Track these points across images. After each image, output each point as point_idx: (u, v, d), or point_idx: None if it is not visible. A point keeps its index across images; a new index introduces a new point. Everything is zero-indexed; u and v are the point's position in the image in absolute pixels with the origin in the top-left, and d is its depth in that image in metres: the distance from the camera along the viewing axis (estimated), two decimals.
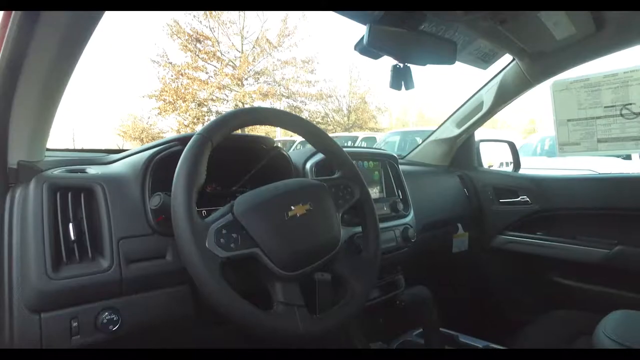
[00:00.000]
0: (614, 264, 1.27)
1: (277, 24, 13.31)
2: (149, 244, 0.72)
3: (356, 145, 7.80)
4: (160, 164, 0.77)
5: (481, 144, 1.72)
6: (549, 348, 1.07)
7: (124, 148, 1.06)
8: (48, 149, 0.78)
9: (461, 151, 1.67)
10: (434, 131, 1.69)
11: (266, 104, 13.63)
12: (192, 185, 0.62)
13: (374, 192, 1.21)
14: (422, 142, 1.74)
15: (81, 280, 0.63)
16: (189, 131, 11.50)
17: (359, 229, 0.90)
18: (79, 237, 0.67)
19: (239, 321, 0.60)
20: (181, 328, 0.77)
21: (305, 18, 13.26)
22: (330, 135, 0.87)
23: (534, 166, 4.16)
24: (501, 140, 1.74)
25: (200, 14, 12.22)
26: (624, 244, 1.27)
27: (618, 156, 4.50)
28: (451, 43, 1.00)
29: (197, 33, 12.62)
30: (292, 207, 0.69)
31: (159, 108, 12.84)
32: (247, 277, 0.69)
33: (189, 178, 0.62)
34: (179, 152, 0.65)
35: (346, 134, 12.06)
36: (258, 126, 0.84)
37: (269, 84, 14.05)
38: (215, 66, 13.29)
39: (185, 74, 12.80)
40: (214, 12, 12.01)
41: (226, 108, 13.36)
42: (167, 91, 12.67)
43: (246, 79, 13.68)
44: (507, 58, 1.31)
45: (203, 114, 13.16)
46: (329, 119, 15.63)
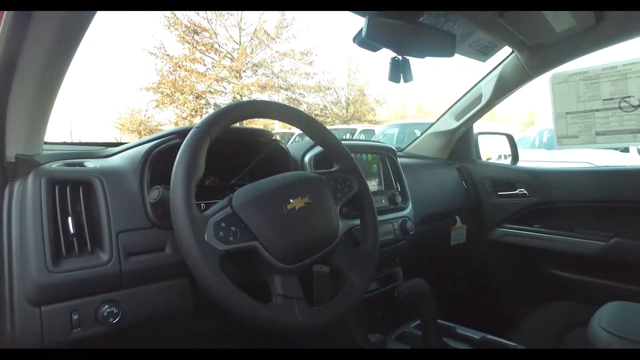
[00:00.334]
0: (611, 256, 1.28)
1: (275, 15, 13.24)
2: (148, 237, 0.72)
3: (355, 137, 7.79)
4: (159, 157, 0.77)
5: (480, 136, 1.72)
6: (545, 339, 1.08)
7: (122, 141, 1.06)
8: (46, 143, 0.78)
9: (460, 144, 1.67)
10: (433, 124, 1.69)
11: (264, 96, 13.60)
12: (191, 178, 0.62)
13: (373, 185, 1.22)
14: (420, 135, 1.74)
15: (81, 274, 0.64)
16: (187, 124, 11.47)
17: (357, 221, 0.90)
18: (78, 231, 0.67)
19: (238, 314, 0.60)
20: (181, 321, 0.78)
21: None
22: (329, 127, 0.87)
23: (532, 159, 4.17)
24: (499, 132, 1.75)
25: None
26: (620, 236, 1.28)
27: (616, 149, 4.51)
28: (450, 35, 1.00)
29: (194, 25, 12.53)
30: (291, 200, 0.69)
31: (156, 100, 12.79)
32: (246, 270, 0.69)
33: (188, 171, 0.62)
34: (178, 146, 0.65)
35: (345, 126, 12.04)
36: (256, 119, 0.83)
37: (267, 76, 14.00)
38: (213, 58, 13.22)
39: (183, 66, 12.73)
40: None
41: (224, 100, 13.31)
42: (164, 83, 12.60)
43: (244, 71, 13.62)
44: (506, 50, 1.31)
45: (201, 106, 13.11)
46: (327, 112, 15.60)
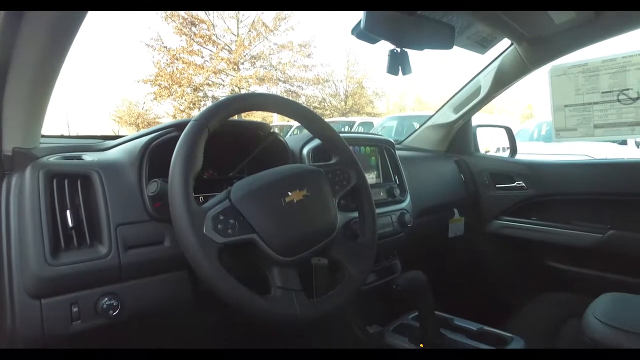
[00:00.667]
0: (607, 248, 1.29)
1: None
2: (146, 230, 0.72)
3: (353, 130, 7.78)
4: (157, 150, 0.77)
5: (478, 129, 1.72)
6: (541, 330, 1.09)
7: (120, 134, 1.06)
8: (43, 136, 0.78)
9: (458, 136, 1.67)
10: (431, 116, 1.69)
11: (263, 88, 13.52)
12: (189, 171, 0.62)
13: (371, 178, 1.22)
14: (419, 128, 1.74)
15: (80, 267, 0.64)
16: (185, 116, 11.43)
17: (355, 214, 0.90)
18: (77, 224, 0.67)
19: (237, 306, 0.60)
20: (180, 313, 0.78)
21: None
22: (327, 120, 0.87)
23: (530, 151, 4.18)
24: (498, 125, 1.75)
25: None
26: (617, 228, 1.28)
27: (614, 141, 4.52)
28: (449, 27, 0.99)
29: (191, 16, 12.39)
30: (289, 193, 0.69)
31: (154, 93, 12.71)
32: (244, 262, 0.69)
33: (186, 164, 0.62)
34: (176, 139, 0.65)
35: (343, 119, 12.00)
36: (255, 112, 0.83)
37: (266, 68, 13.91)
38: (210, 50, 13.12)
39: (181, 58, 12.62)
40: None
41: (222, 93, 13.23)
42: (162, 76, 12.51)
43: (242, 63, 13.52)
44: (505, 43, 1.30)
45: (199, 99, 13.04)
46: (326, 104, 15.53)
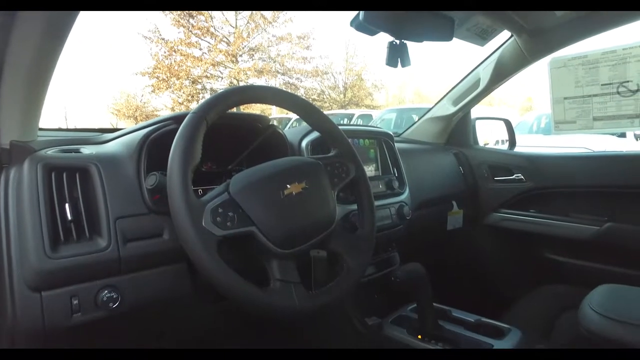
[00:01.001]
0: (604, 240, 1.30)
1: None
2: (145, 223, 0.72)
3: (352, 122, 7.76)
4: (156, 143, 0.77)
5: (477, 121, 1.71)
6: (538, 321, 1.10)
7: (118, 127, 1.05)
8: (41, 129, 0.77)
9: (457, 129, 1.67)
10: (430, 109, 1.68)
11: (261, 81, 13.47)
12: (188, 164, 0.62)
13: (370, 170, 1.22)
14: (418, 120, 1.74)
15: (79, 260, 0.64)
16: (183, 109, 11.37)
17: (354, 206, 0.90)
18: (76, 217, 0.67)
19: (236, 298, 0.61)
20: (179, 305, 0.79)
21: None
22: (326, 112, 0.86)
23: (530, 144, 4.17)
24: (497, 118, 1.74)
25: None
26: (615, 220, 1.29)
27: (613, 134, 4.51)
28: (449, 19, 0.98)
29: None
30: (288, 186, 0.69)
31: (152, 86, 12.65)
32: (243, 255, 0.70)
33: (185, 157, 0.62)
34: (174, 131, 0.65)
35: (342, 111, 11.97)
36: (253, 104, 0.83)
37: (264, 60, 13.83)
38: (209, 42, 13.03)
39: (179, 50, 12.54)
40: None
41: (221, 85, 13.16)
42: (160, 68, 12.43)
43: (241, 55, 13.44)
44: (505, 35, 1.29)
45: (197, 91, 12.98)
46: (324, 96, 15.49)
